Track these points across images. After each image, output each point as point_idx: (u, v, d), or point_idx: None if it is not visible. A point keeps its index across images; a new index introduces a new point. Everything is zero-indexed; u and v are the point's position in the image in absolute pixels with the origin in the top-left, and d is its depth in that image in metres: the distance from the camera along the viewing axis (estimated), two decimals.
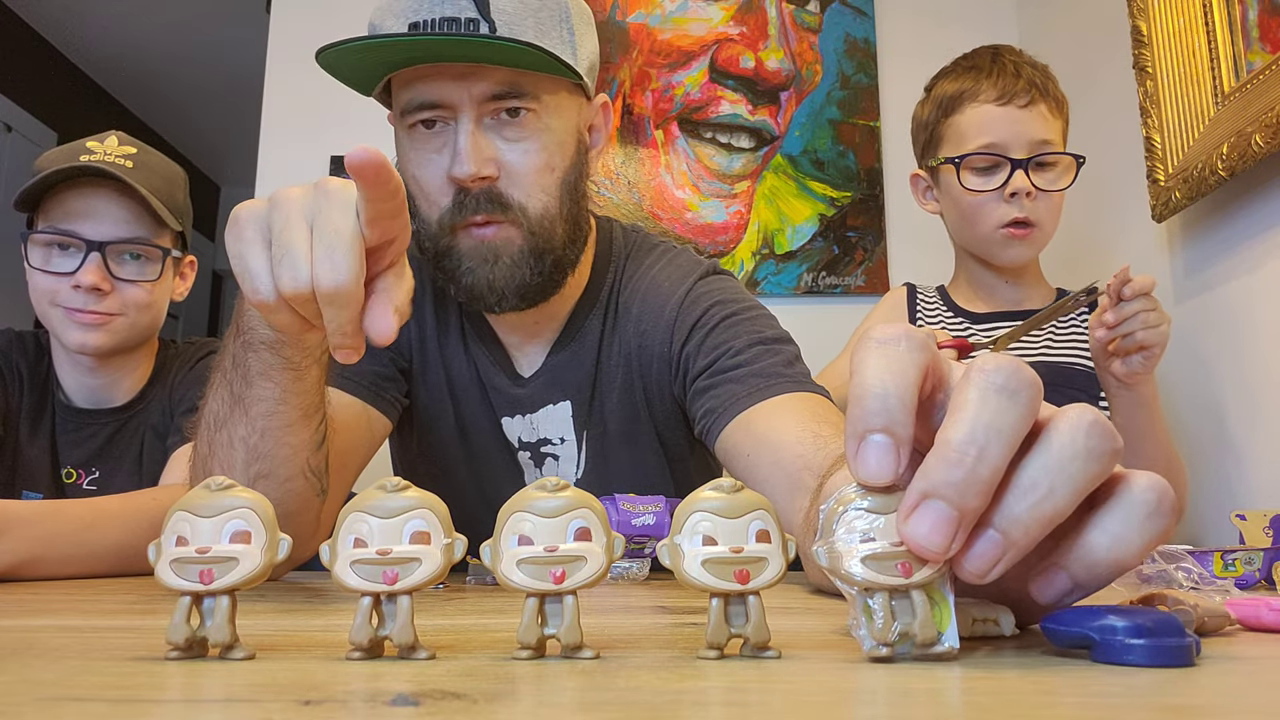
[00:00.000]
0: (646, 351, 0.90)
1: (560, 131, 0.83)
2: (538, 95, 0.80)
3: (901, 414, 0.30)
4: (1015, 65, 1.18)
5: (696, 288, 0.90)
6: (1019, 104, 1.15)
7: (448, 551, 0.31)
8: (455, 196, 0.79)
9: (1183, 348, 1.29)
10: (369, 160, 0.45)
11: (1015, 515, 0.29)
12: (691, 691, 0.26)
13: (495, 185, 0.79)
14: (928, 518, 0.29)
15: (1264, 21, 1.13)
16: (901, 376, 0.30)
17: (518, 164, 0.80)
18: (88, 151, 1.05)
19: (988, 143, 1.15)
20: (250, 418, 0.63)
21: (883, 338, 0.31)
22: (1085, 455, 0.29)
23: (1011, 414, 0.29)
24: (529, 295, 0.83)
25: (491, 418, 0.93)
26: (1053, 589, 0.31)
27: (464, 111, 0.78)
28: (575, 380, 0.91)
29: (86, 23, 3.76)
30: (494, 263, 0.81)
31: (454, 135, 0.79)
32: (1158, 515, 0.30)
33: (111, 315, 1.06)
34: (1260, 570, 0.67)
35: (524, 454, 0.93)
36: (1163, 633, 0.29)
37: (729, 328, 0.85)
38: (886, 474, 0.30)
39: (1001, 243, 1.17)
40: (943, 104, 1.21)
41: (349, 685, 0.26)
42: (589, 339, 0.91)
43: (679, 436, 0.94)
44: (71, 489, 1.10)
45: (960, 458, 0.28)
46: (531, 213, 0.81)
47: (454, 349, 0.93)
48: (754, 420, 0.77)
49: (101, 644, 0.35)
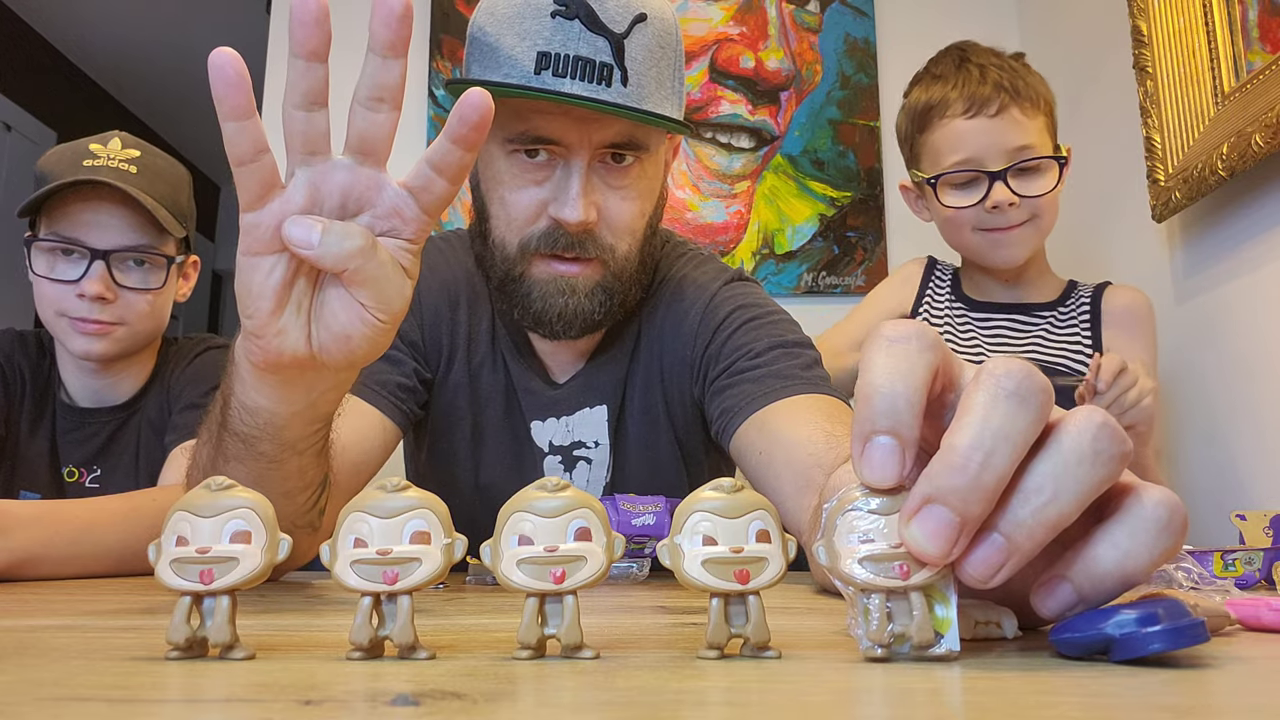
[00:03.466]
0: (669, 355, 0.91)
1: (654, 178, 0.85)
2: (648, 146, 0.82)
3: (908, 416, 0.29)
4: (981, 70, 1.13)
5: (721, 293, 0.91)
6: (989, 114, 1.11)
7: (448, 551, 0.31)
8: (549, 229, 0.80)
9: (1183, 348, 1.29)
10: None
11: (1019, 520, 0.29)
12: (691, 691, 0.26)
13: (595, 228, 0.81)
14: (929, 523, 0.28)
15: (1264, 21, 1.13)
16: (910, 377, 0.30)
17: (615, 210, 0.82)
18: (91, 155, 1.05)
19: (962, 159, 1.12)
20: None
21: (894, 335, 0.31)
22: (1093, 459, 0.29)
23: (1021, 420, 0.28)
24: (590, 327, 0.85)
25: (519, 423, 0.93)
26: (1055, 601, 0.30)
27: (578, 155, 0.78)
28: (610, 384, 0.92)
29: (86, 23, 3.76)
30: (569, 295, 0.82)
31: (563, 175, 0.79)
32: (1169, 532, 0.29)
33: (115, 324, 1.06)
34: (1260, 570, 0.67)
35: (553, 458, 0.93)
36: (1175, 615, 0.29)
37: (750, 330, 0.86)
38: (891, 476, 0.30)
39: (990, 245, 1.15)
40: (915, 118, 1.18)
41: (349, 685, 0.26)
42: (624, 345, 0.93)
43: (696, 440, 0.94)
44: (73, 488, 1.10)
45: (965, 463, 0.28)
46: (617, 254, 0.83)
47: (483, 358, 0.93)
48: (768, 419, 0.77)
49: (102, 644, 0.35)
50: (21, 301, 3.70)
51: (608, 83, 0.76)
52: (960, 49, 1.19)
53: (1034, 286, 1.23)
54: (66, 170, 1.03)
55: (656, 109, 0.79)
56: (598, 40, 0.75)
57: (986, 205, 1.11)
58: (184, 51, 3.96)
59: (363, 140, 0.46)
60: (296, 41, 0.43)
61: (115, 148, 1.06)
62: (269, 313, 0.48)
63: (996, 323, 1.21)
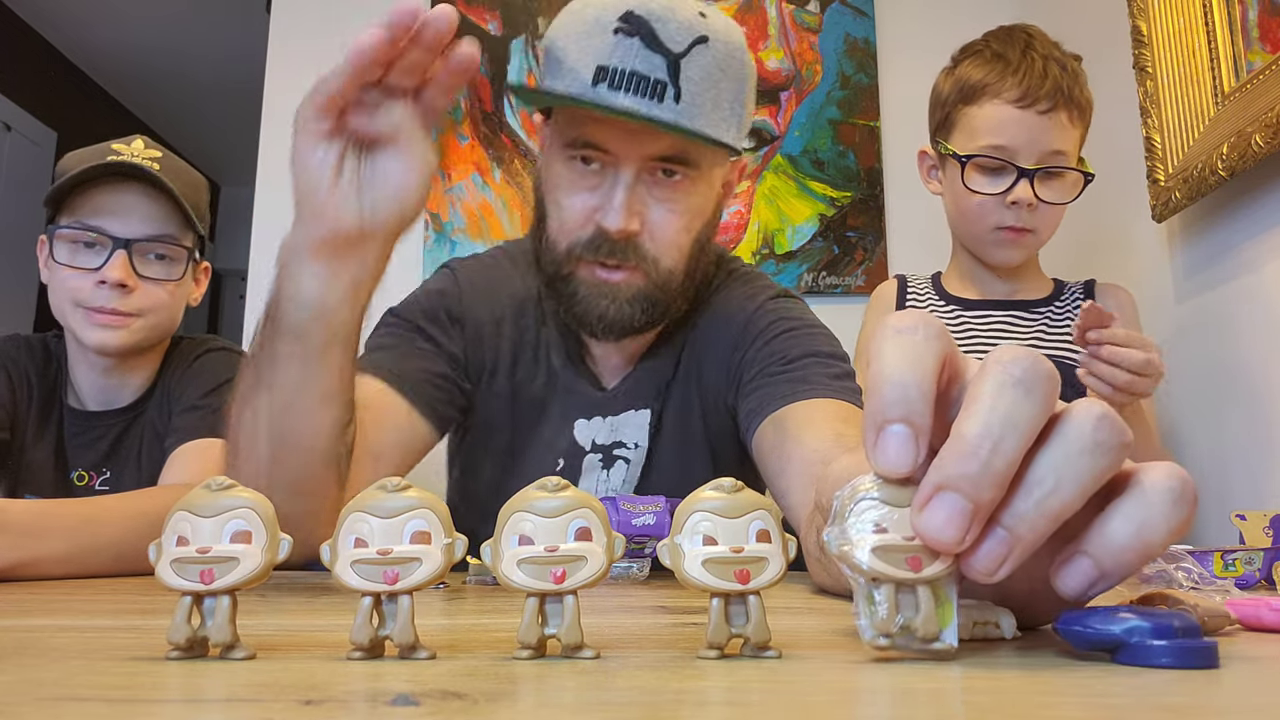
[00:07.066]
0: (708, 363, 0.94)
1: (704, 197, 0.87)
2: (698, 164, 0.84)
3: (920, 404, 0.30)
4: (1044, 63, 1.12)
5: (765, 306, 0.93)
6: (1039, 110, 1.10)
7: (448, 551, 0.31)
8: (594, 235, 0.83)
9: (1182, 347, 1.29)
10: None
11: (1022, 512, 0.29)
12: (691, 691, 0.26)
13: (638, 237, 0.83)
14: (942, 510, 0.28)
15: (1264, 21, 1.13)
16: (919, 365, 0.30)
17: (661, 223, 0.84)
18: (114, 153, 1.06)
19: (998, 145, 1.12)
20: (273, 397, 0.65)
21: (900, 326, 0.31)
22: (1093, 449, 0.29)
23: (1027, 407, 0.29)
24: (630, 332, 0.88)
25: (564, 423, 0.95)
26: (1074, 577, 0.30)
27: (627, 165, 0.81)
28: (655, 389, 0.95)
29: (86, 23, 3.76)
30: (611, 300, 0.85)
31: (611, 184, 0.82)
32: (1182, 502, 0.29)
33: (132, 315, 1.06)
34: (1260, 570, 0.67)
35: (594, 455, 0.95)
36: (1190, 633, 0.29)
37: (786, 339, 0.88)
38: (906, 464, 0.30)
39: (995, 243, 1.16)
40: (963, 89, 1.16)
41: (350, 685, 0.26)
42: (670, 354, 0.96)
43: (729, 448, 0.95)
44: (83, 491, 1.10)
45: (975, 450, 0.28)
46: (661, 266, 0.85)
47: (527, 367, 0.95)
48: (785, 418, 0.79)
49: (102, 644, 0.35)
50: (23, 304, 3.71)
51: (660, 98, 0.78)
52: (1026, 34, 1.17)
53: (1028, 283, 1.24)
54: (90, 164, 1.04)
55: (707, 129, 0.80)
56: (654, 58, 0.78)
57: (1007, 199, 1.12)
58: (184, 52, 3.96)
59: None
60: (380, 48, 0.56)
61: (138, 148, 1.08)
62: (329, 188, 0.59)
63: (996, 319, 1.22)
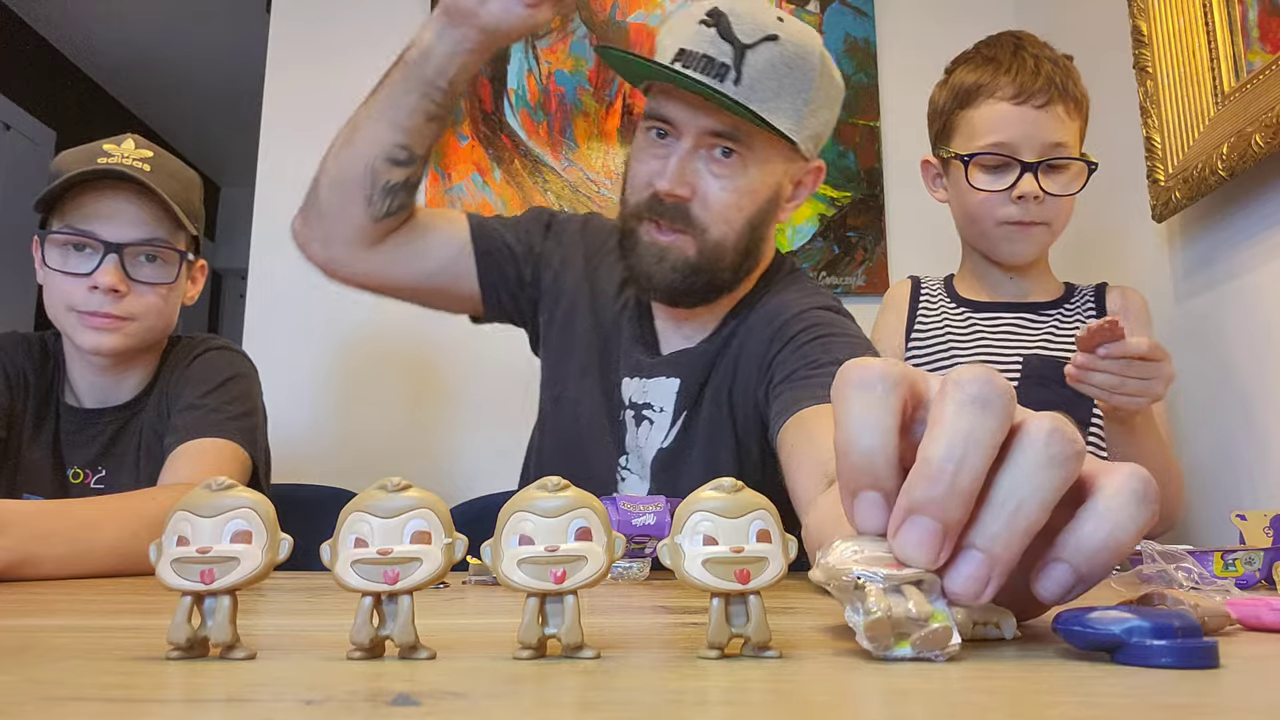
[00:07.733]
0: (745, 355, 0.98)
1: (758, 179, 0.95)
2: (751, 145, 0.93)
3: (885, 470, 0.32)
4: (1036, 61, 1.14)
5: (810, 311, 0.96)
6: (1035, 104, 1.12)
7: (448, 551, 0.31)
8: (651, 197, 0.94)
9: (1182, 347, 1.29)
10: None
11: (994, 532, 0.30)
12: (692, 691, 0.26)
13: (687, 203, 0.93)
14: (914, 533, 0.30)
15: (1264, 21, 1.13)
16: (880, 427, 0.32)
17: (711, 194, 0.94)
18: (105, 154, 1.06)
19: (999, 141, 1.13)
20: (370, 100, 0.97)
21: (859, 381, 0.33)
22: (1048, 463, 0.30)
23: (987, 424, 0.30)
24: (675, 298, 0.98)
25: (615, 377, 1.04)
26: (1055, 583, 0.31)
27: (685, 136, 0.93)
28: (692, 364, 1.01)
29: (86, 23, 3.76)
30: (659, 261, 0.95)
31: (670, 152, 0.94)
32: (1146, 501, 0.31)
33: (125, 319, 1.06)
34: (1260, 570, 0.67)
35: (629, 412, 1.03)
36: (1190, 633, 0.29)
37: (820, 344, 0.90)
38: (880, 525, 0.32)
39: (1004, 238, 1.16)
40: (958, 94, 1.18)
41: (350, 685, 0.26)
42: (718, 340, 1.01)
43: (754, 444, 0.98)
44: (78, 490, 1.10)
45: (939, 473, 0.30)
46: (710, 236, 0.94)
47: (607, 308, 1.07)
48: (807, 418, 0.80)
49: (102, 644, 0.35)
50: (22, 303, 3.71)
51: (721, 79, 0.89)
52: (1015, 37, 1.19)
53: (1038, 285, 1.23)
54: (81, 167, 1.03)
55: (761, 111, 0.89)
56: (724, 45, 0.90)
57: (1014, 194, 1.12)
58: (184, 51, 3.96)
59: None
60: None
61: (129, 148, 1.08)
62: None
63: (1005, 321, 1.22)
